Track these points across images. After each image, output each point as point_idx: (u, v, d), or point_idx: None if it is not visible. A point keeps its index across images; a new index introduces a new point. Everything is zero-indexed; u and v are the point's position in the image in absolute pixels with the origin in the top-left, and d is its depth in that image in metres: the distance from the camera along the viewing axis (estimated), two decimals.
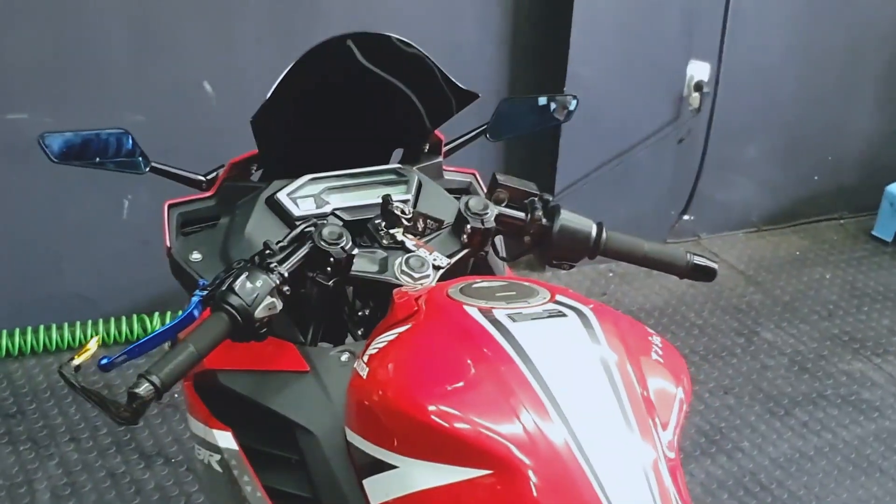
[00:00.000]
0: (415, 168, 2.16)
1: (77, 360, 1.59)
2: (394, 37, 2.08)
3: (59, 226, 3.95)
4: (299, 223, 1.84)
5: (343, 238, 1.78)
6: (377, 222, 1.94)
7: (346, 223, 1.96)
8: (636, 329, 1.67)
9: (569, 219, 1.98)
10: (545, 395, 1.46)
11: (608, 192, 4.72)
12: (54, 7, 3.68)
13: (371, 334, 1.71)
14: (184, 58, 3.92)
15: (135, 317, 4.06)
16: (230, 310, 1.65)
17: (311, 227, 1.80)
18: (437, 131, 2.27)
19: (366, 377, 1.57)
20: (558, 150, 4.57)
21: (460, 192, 2.23)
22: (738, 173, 5.17)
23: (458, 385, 1.49)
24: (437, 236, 1.97)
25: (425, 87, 2.16)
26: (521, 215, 1.99)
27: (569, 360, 1.54)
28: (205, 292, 1.71)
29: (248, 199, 2.05)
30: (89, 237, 4.00)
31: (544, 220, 1.98)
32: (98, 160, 2.09)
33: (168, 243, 2.05)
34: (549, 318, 1.59)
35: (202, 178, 2.18)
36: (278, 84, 1.98)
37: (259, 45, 3.94)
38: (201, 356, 1.62)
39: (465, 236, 1.94)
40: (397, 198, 2.00)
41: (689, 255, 2.05)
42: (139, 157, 2.13)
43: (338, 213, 2.00)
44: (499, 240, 2.12)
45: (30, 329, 3.96)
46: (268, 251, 1.75)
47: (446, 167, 2.30)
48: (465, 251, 1.95)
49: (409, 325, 1.62)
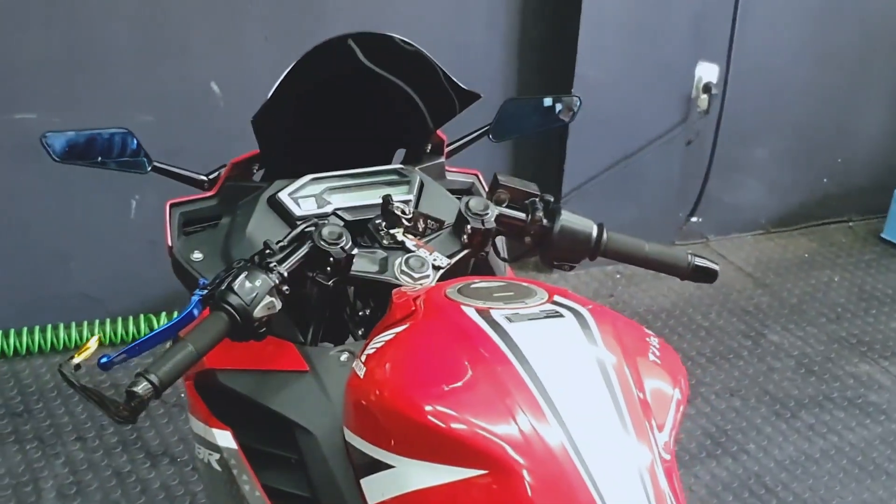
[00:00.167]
0: (417, 168, 2.16)
1: (77, 359, 1.60)
2: (395, 37, 2.08)
3: (66, 225, 3.97)
4: (300, 223, 1.85)
5: (343, 238, 1.78)
6: (377, 222, 1.95)
7: (347, 223, 1.97)
8: (633, 330, 1.67)
9: (569, 219, 1.98)
10: (541, 396, 1.46)
11: (616, 194, 4.72)
12: (63, 8, 3.69)
13: (370, 334, 1.71)
14: (192, 58, 3.93)
15: (142, 316, 4.07)
16: (229, 309, 1.65)
17: (312, 227, 1.80)
18: (440, 132, 2.27)
19: (363, 377, 1.57)
20: (566, 151, 4.57)
21: (463, 192, 2.24)
22: (747, 175, 5.17)
23: (454, 385, 1.50)
24: (437, 236, 1.97)
25: (427, 87, 2.16)
26: (522, 216, 1.98)
27: (565, 360, 1.54)
28: (204, 291, 1.71)
29: (249, 199, 2.05)
30: (97, 237, 4.01)
31: (545, 221, 1.97)
32: (100, 159, 2.10)
33: (169, 243, 2.05)
34: (545, 318, 1.59)
35: (204, 178, 2.18)
36: (279, 84, 1.98)
37: (267, 45, 3.95)
38: (200, 355, 1.62)
39: (465, 237, 1.94)
40: (398, 198, 2.00)
41: (690, 257, 2.05)
42: (141, 157, 2.13)
43: (339, 213, 2.00)
44: (500, 240, 2.11)
45: (37, 328, 3.97)
46: (268, 251, 1.75)
47: (449, 168, 2.30)
48: (465, 251, 1.94)
49: (406, 325, 1.62)
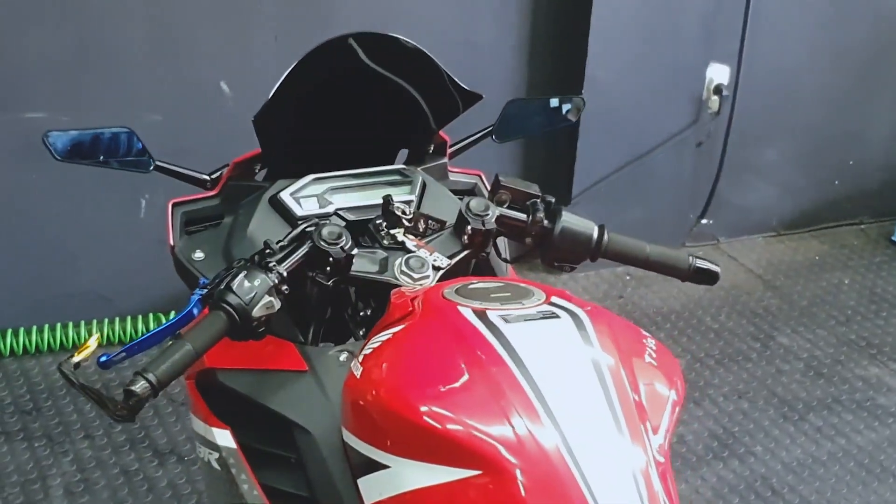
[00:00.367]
0: (419, 169, 2.16)
1: (77, 358, 1.60)
2: (397, 37, 2.08)
3: (76, 224, 3.98)
4: (301, 223, 1.85)
5: (342, 238, 1.79)
6: (378, 222, 1.95)
7: (349, 223, 1.97)
8: (630, 331, 1.67)
9: (570, 220, 1.98)
10: (536, 397, 1.46)
11: (626, 196, 4.72)
12: (73, 7, 3.70)
13: (368, 334, 1.72)
14: (201, 58, 3.94)
15: (150, 315, 4.09)
16: (228, 308, 1.66)
17: (312, 227, 1.80)
18: (442, 132, 2.27)
19: (359, 377, 1.57)
20: (576, 152, 4.56)
21: (466, 193, 2.23)
22: (758, 177, 5.15)
23: (449, 386, 1.50)
24: (438, 237, 1.97)
25: (430, 87, 2.16)
26: (523, 217, 1.98)
27: (560, 361, 1.54)
28: (204, 291, 1.72)
29: (251, 199, 2.06)
30: (106, 236, 4.02)
31: (546, 222, 1.97)
32: (102, 159, 2.10)
33: (171, 242, 2.06)
34: (542, 319, 1.59)
35: (207, 178, 2.18)
36: (280, 84, 1.99)
37: (277, 45, 3.95)
38: (198, 354, 1.63)
39: (465, 237, 1.94)
40: (399, 198, 2.00)
41: (691, 258, 2.04)
42: (144, 156, 2.14)
43: (341, 213, 2.01)
44: (503, 241, 2.11)
45: (46, 326, 3.99)
46: (268, 250, 1.75)
47: (452, 168, 2.31)
48: (465, 252, 1.94)
49: (402, 326, 1.62)
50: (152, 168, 2.15)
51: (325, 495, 1.75)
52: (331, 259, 1.78)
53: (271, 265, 1.72)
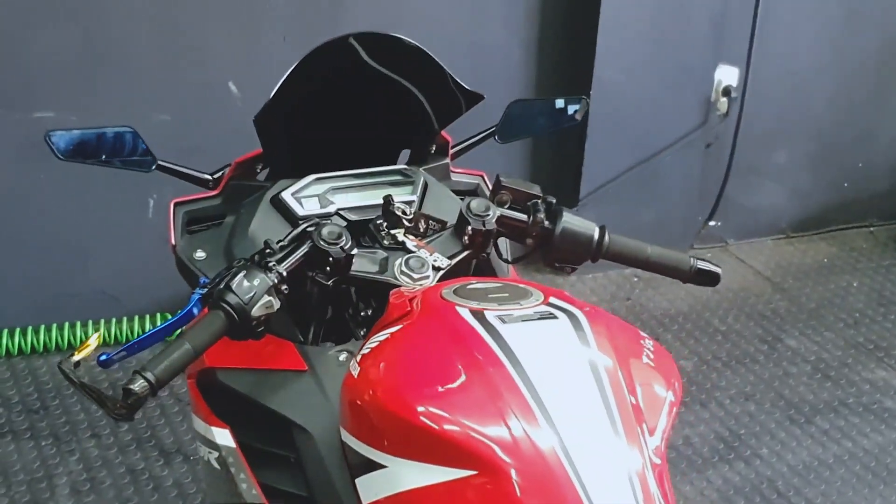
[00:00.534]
0: (421, 169, 2.16)
1: (77, 356, 1.60)
2: (398, 37, 2.08)
3: (84, 224, 3.99)
4: (302, 222, 1.85)
5: (342, 238, 1.79)
6: (379, 223, 1.95)
7: (350, 223, 1.97)
8: (628, 332, 1.67)
9: (571, 221, 1.97)
10: (532, 398, 1.47)
11: (634, 197, 4.71)
12: (81, 7, 3.71)
13: (367, 334, 1.72)
14: (210, 58, 3.95)
15: (158, 315, 4.09)
16: (227, 308, 1.66)
17: (312, 227, 1.81)
18: (444, 133, 2.27)
19: (357, 377, 1.58)
20: (584, 153, 4.56)
21: (468, 193, 2.23)
22: (767, 179, 5.14)
23: (446, 386, 1.50)
24: (438, 237, 1.96)
25: (432, 88, 2.15)
26: (524, 217, 1.98)
27: (557, 362, 1.54)
28: (204, 290, 1.72)
29: (253, 199, 2.06)
30: (115, 236, 4.03)
31: (546, 223, 1.97)
32: (104, 158, 2.10)
33: (173, 241, 2.06)
34: (539, 319, 1.59)
35: (209, 177, 2.18)
36: (281, 84, 1.99)
37: (285, 46, 3.96)
38: (197, 354, 1.63)
39: (466, 238, 1.94)
40: (400, 198, 2.00)
41: (692, 260, 2.04)
42: (146, 156, 2.14)
43: (342, 212, 2.01)
44: (504, 242, 2.11)
45: (55, 326, 4.00)
46: (268, 250, 1.75)
47: (455, 168, 2.30)
48: (466, 252, 1.94)
49: (400, 326, 1.63)
50: (154, 167, 2.14)
51: (324, 495, 1.75)
52: (330, 259, 1.78)
53: (271, 265, 1.72)
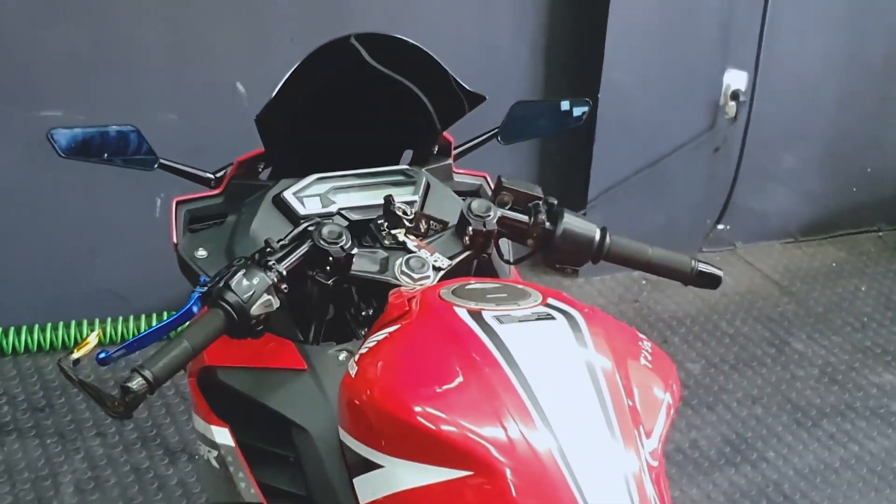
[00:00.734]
0: (423, 170, 2.16)
1: (76, 354, 1.60)
2: (400, 37, 2.07)
3: (92, 223, 4.00)
4: (303, 222, 1.85)
5: (343, 237, 1.79)
6: (380, 222, 1.95)
7: (351, 223, 1.97)
8: (626, 333, 1.67)
9: (572, 223, 1.97)
10: (528, 399, 1.46)
11: (642, 200, 4.71)
12: (89, 6, 3.72)
13: (367, 334, 1.72)
14: (217, 58, 3.96)
15: (165, 314, 4.10)
16: (226, 306, 1.66)
17: (313, 226, 1.81)
18: (447, 134, 2.27)
19: (354, 376, 1.58)
20: (592, 156, 4.56)
21: (470, 194, 2.22)
22: (775, 183, 5.13)
23: (442, 386, 1.50)
24: (439, 238, 1.96)
25: (433, 88, 2.15)
26: (525, 218, 1.97)
27: (554, 363, 1.54)
28: (204, 289, 1.72)
29: (254, 198, 2.06)
30: (122, 234, 4.04)
31: (547, 224, 1.96)
32: (106, 156, 2.11)
33: (175, 240, 2.07)
34: (536, 320, 1.59)
35: (211, 176, 2.18)
36: (283, 84, 1.99)
37: (293, 46, 3.96)
38: (196, 352, 1.63)
39: (467, 238, 1.93)
40: (401, 198, 2.00)
41: (693, 262, 2.03)
42: (147, 154, 2.14)
43: (343, 212, 2.01)
44: (506, 243, 2.11)
45: (61, 324, 4.01)
46: (268, 249, 1.75)
47: (457, 169, 2.30)
48: (466, 253, 1.94)
49: (398, 326, 1.63)
50: (156, 166, 2.15)
51: (322, 494, 1.75)
52: (330, 258, 1.78)
53: (270, 264, 1.71)
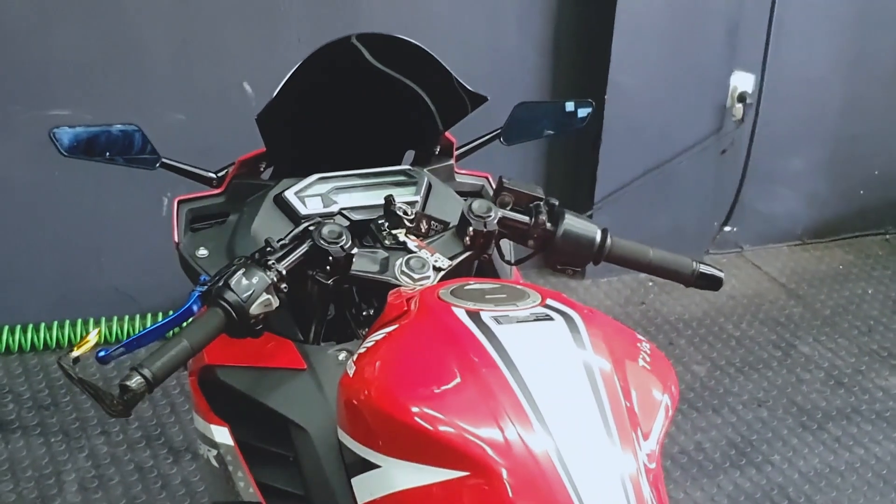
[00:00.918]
0: (425, 170, 2.16)
1: (76, 352, 1.61)
2: (401, 38, 2.07)
3: (99, 221, 4.01)
4: (304, 221, 1.85)
5: (343, 237, 1.79)
6: (380, 222, 1.95)
7: (352, 223, 1.97)
8: (624, 335, 1.67)
9: (573, 224, 1.97)
10: (525, 400, 1.46)
11: (649, 202, 4.70)
12: (98, 6, 3.73)
13: (366, 334, 1.72)
14: (225, 58, 3.96)
15: (171, 313, 4.08)
16: (225, 306, 1.66)
17: (313, 226, 1.81)
18: (449, 134, 2.27)
19: (352, 376, 1.58)
20: (599, 158, 4.55)
21: (472, 195, 2.22)
22: (782, 185, 5.12)
23: (440, 387, 1.50)
24: (440, 238, 1.96)
25: (436, 88, 2.15)
26: (525, 219, 1.97)
27: (551, 364, 1.54)
28: (204, 288, 1.73)
29: (256, 197, 2.07)
30: (129, 233, 4.04)
31: (548, 225, 1.96)
32: (108, 155, 2.11)
33: (176, 239, 2.07)
34: (535, 321, 1.59)
35: (213, 175, 2.19)
36: (284, 84, 1.99)
37: (301, 47, 3.96)
38: (195, 351, 1.64)
39: (467, 238, 1.94)
40: (402, 199, 2.00)
41: (694, 264, 2.03)
42: (150, 154, 2.14)
43: (345, 212, 2.01)
44: (508, 243, 2.10)
45: (67, 322, 4.02)
46: (268, 248, 1.76)
47: (460, 170, 2.30)
48: (467, 253, 1.94)
49: (396, 326, 1.63)
50: (158, 165, 2.15)
51: (320, 494, 1.75)
52: (330, 258, 1.78)
53: (270, 263, 1.72)
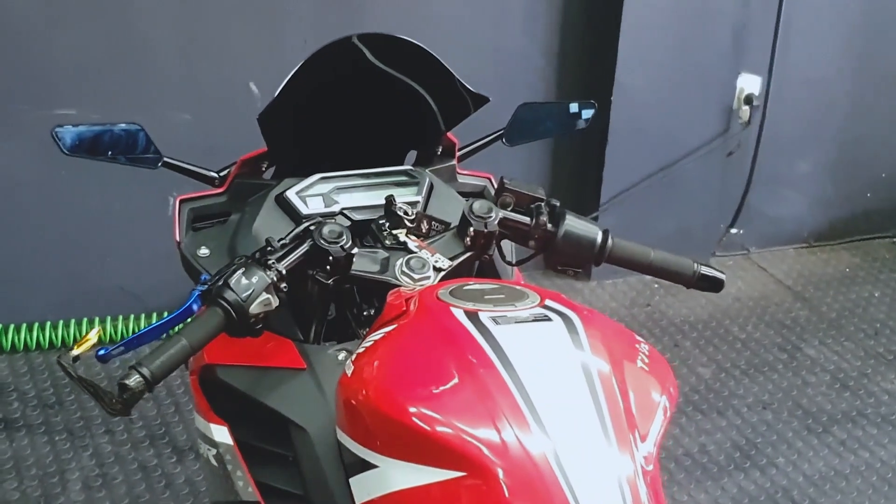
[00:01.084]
0: (427, 170, 2.16)
1: (76, 351, 1.61)
2: (402, 38, 2.08)
3: (105, 220, 4.01)
4: (305, 221, 1.85)
5: (343, 237, 1.79)
6: (381, 222, 1.95)
7: (353, 223, 1.97)
8: (623, 336, 1.66)
9: (574, 224, 1.96)
10: (523, 401, 1.46)
11: (655, 204, 4.70)
12: (104, 6, 3.73)
13: (365, 334, 1.72)
14: (231, 58, 3.96)
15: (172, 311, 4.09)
16: (224, 305, 1.66)
17: (314, 226, 1.81)
18: (451, 135, 2.26)
19: (350, 376, 1.58)
20: (604, 160, 4.55)
21: (474, 195, 2.22)
22: (789, 188, 5.11)
23: (437, 387, 1.50)
24: (441, 238, 1.96)
25: (438, 88, 2.15)
26: (526, 220, 1.97)
27: (549, 365, 1.53)
28: (204, 287, 1.73)
29: (258, 197, 2.07)
30: (134, 232, 4.04)
31: (549, 226, 1.96)
32: (110, 154, 2.11)
33: (178, 238, 2.07)
34: (533, 322, 1.59)
35: (215, 175, 2.19)
36: (286, 83, 1.99)
37: (306, 48, 3.92)
38: (194, 350, 1.64)
39: (468, 239, 1.93)
40: (403, 199, 2.00)
41: (695, 265, 2.03)
42: (152, 153, 2.15)
43: (346, 212, 2.01)
44: (509, 244, 2.10)
45: (73, 321, 4.02)
46: (269, 248, 1.76)
47: (462, 170, 2.30)
48: (467, 254, 1.94)
49: (394, 326, 1.63)
50: (160, 164, 2.16)
51: (319, 494, 1.75)
52: (330, 258, 1.78)
53: (270, 263, 1.72)
